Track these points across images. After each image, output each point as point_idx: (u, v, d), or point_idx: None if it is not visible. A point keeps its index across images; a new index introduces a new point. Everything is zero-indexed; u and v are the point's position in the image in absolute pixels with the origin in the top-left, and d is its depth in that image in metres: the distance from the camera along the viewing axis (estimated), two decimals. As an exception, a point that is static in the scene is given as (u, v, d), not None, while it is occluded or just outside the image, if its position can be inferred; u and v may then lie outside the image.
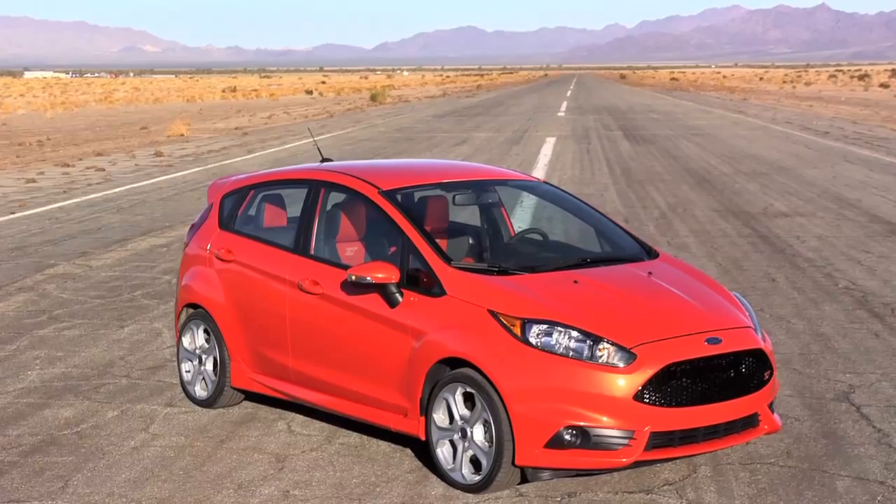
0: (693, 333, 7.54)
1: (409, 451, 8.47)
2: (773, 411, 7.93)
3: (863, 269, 15.61)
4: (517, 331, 7.42)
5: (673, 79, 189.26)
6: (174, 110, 76.84)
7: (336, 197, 9.13)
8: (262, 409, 9.58)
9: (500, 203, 9.65)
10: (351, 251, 9.09)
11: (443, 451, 7.78)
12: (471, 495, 7.56)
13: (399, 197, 8.62)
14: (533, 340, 7.37)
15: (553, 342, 7.35)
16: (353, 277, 8.07)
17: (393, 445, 8.59)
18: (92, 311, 13.45)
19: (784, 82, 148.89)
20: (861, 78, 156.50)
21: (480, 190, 9.42)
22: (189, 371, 9.76)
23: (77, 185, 28.55)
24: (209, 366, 9.57)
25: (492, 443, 7.43)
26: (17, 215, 22.65)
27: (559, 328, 7.38)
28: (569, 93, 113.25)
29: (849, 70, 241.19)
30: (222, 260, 9.50)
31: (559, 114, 66.78)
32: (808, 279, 14.95)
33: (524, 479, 7.62)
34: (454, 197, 9.19)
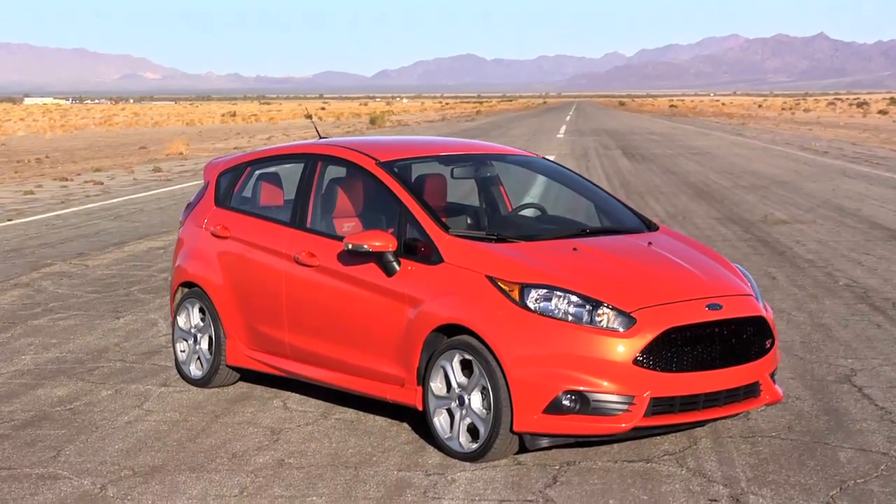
0: (694, 299, 7.45)
1: (406, 425, 8.37)
2: (774, 381, 7.84)
3: (863, 269, 15.52)
4: (515, 296, 7.33)
5: (672, 106, 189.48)
6: (173, 132, 76.81)
7: (333, 170, 9.05)
8: (257, 389, 9.48)
9: (498, 181, 9.58)
10: (348, 227, 9.00)
11: (440, 420, 7.67)
12: (469, 464, 7.45)
13: (397, 168, 8.53)
14: (531, 305, 7.28)
15: (552, 307, 7.26)
16: (350, 246, 7.98)
17: (390, 420, 8.49)
18: (87, 303, 13.36)
19: (783, 109, 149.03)
20: (860, 105, 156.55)
21: (479, 163, 9.35)
22: (184, 351, 9.66)
23: (75, 197, 28.46)
24: (204, 344, 9.47)
25: (490, 410, 7.33)
26: (14, 222, 22.56)
27: (558, 293, 7.29)
28: (568, 117, 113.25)
29: (847, 98, 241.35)
30: (218, 237, 9.41)
31: (558, 135, 66.74)
32: (809, 277, 14.87)
33: (522, 450, 7.52)
34: (452, 170, 9.11)
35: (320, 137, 10.00)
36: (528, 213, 9.18)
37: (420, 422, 8.18)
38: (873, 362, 10.19)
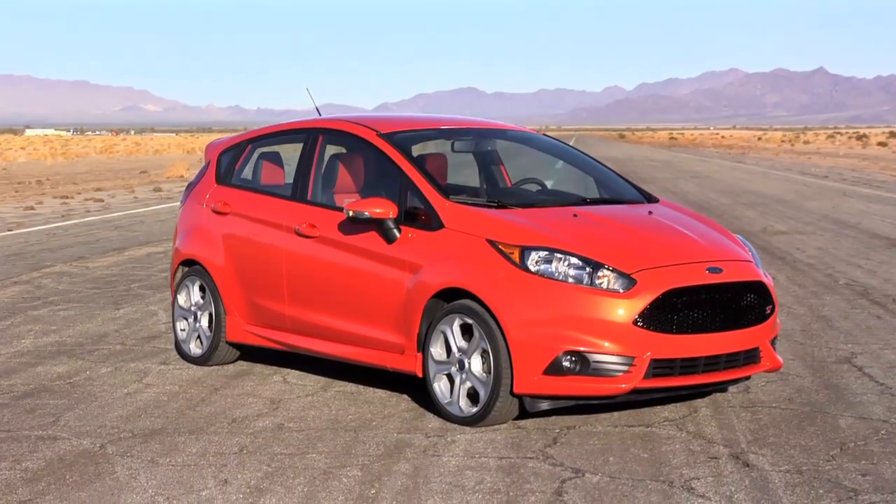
0: (694, 262, 7.47)
1: (405, 396, 8.37)
2: (774, 348, 7.84)
3: (863, 271, 15.52)
4: (516, 258, 7.34)
5: (672, 138, 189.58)
6: (174, 159, 76.86)
7: (334, 144, 9.06)
8: (257, 366, 9.49)
9: (499, 160, 9.60)
10: (349, 202, 9.00)
11: (440, 386, 7.66)
12: (469, 427, 7.44)
13: (398, 139, 8.54)
14: (532, 267, 7.29)
15: (552, 269, 7.27)
16: (351, 213, 8.00)
17: (390, 392, 8.50)
18: (87, 297, 13.36)
19: (782, 141, 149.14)
20: (859, 138, 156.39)
21: (479, 137, 9.37)
22: (184, 329, 9.66)
23: (75, 212, 28.47)
24: (204, 322, 9.47)
25: (490, 372, 7.33)
26: (14, 232, 22.56)
27: (558, 255, 7.30)
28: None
29: (847, 132, 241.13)
30: (219, 213, 9.43)
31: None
32: (809, 278, 14.87)
33: (523, 415, 7.52)
34: (453, 143, 9.14)
35: (320, 116, 10.02)
36: (527, 187, 9.21)
37: (420, 392, 8.18)
38: (873, 347, 10.19)
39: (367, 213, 7.91)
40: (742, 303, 7.53)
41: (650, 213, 8.25)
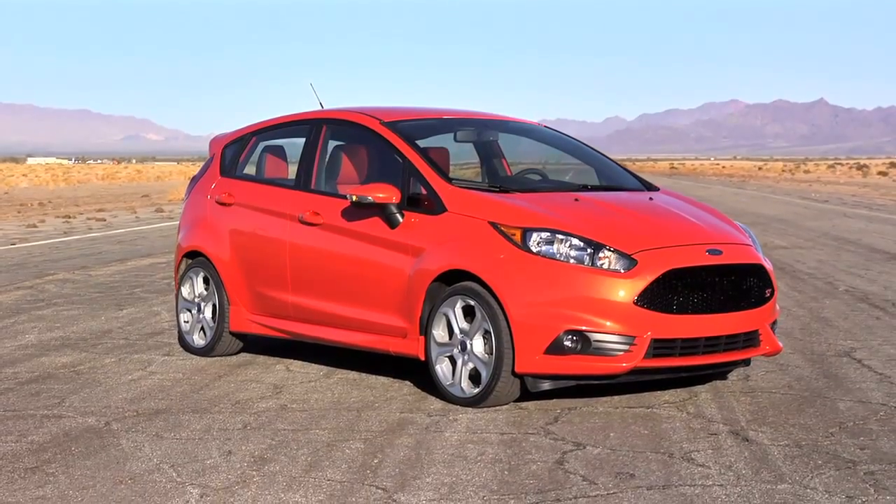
0: (694, 244, 7.55)
1: (408, 381, 8.44)
2: (774, 332, 7.91)
3: (863, 280, 15.58)
4: (518, 239, 7.43)
5: (672, 168, 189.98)
6: (176, 185, 76.99)
7: (338, 133, 9.15)
8: (260, 357, 9.57)
9: (501, 153, 9.68)
10: (353, 188, 9.07)
11: (442, 368, 7.73)
12: (471, 407, 7.50)
13: (401, 127, 8.63)
14: (534, 248, 7.37)
15: (554, 250, 7.35)
16: (354, 198, 8.08)
17: (392, 378, 8.56)
18: (91, 300, 13.43)
19: (783, 171, 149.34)
20: (859, 168, 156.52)
21: (482, 128, 9.46)
22: (188, 321, 9.72)
23: (78, 230, 28.57)
24: (208, 313, 9.53)
25: (491, 353, 7.39)
26: (17, 246, 22.65)
27: (560, 236, 7.38)
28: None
29: (847, 162, 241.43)
30: (223, 204, 9.50)
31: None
32: (809, 285, 14.93)
33: (524, 398, 7.58)
34: (455, 134, 9.23)
35: (322, 108, 10.11)
36: (529, 175, 9.30)
37: (422, 378, 8.25)
38: (873, 343, 10.25)
39: (370, 198, 8.00)
40: (742, 285, 7.60)
41: (650, 199, 8.34)
